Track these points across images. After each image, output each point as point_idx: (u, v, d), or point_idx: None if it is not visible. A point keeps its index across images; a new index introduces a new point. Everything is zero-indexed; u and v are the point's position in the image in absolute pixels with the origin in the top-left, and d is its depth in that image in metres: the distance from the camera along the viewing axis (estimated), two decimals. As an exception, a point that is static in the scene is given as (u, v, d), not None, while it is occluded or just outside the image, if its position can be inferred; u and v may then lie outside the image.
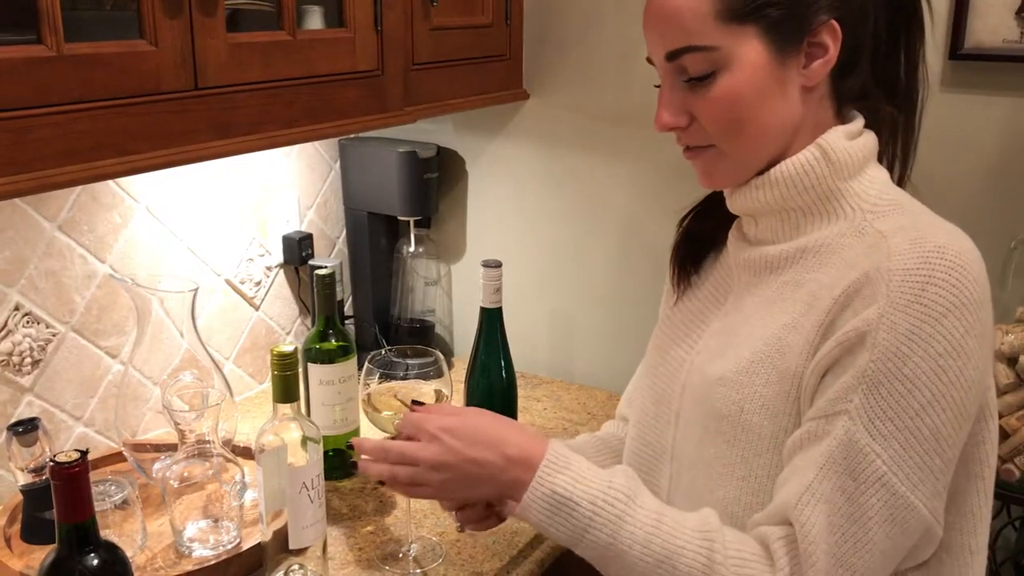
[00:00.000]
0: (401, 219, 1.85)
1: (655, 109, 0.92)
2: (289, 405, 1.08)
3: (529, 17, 1.76)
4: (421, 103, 1.49)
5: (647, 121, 0.93)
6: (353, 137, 1.83)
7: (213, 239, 1.64)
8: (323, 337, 1.40)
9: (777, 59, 0.87)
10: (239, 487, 1.22)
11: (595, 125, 1.75)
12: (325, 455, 1.18)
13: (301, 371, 1.23)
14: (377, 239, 1.87)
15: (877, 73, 0.93)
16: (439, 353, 1.24)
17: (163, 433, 1.35)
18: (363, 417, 1.27)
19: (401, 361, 1.23)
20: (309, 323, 1.86)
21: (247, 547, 1.18)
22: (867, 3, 0.89)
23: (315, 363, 1.38)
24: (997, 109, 1.42)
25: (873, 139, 0.93)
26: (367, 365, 1.21)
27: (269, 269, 1.78)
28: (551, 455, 0.89)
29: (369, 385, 1.20)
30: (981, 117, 1.43)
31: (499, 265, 1.37)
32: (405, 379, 1.21)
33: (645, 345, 1.12)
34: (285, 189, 1.78)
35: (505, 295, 1.40)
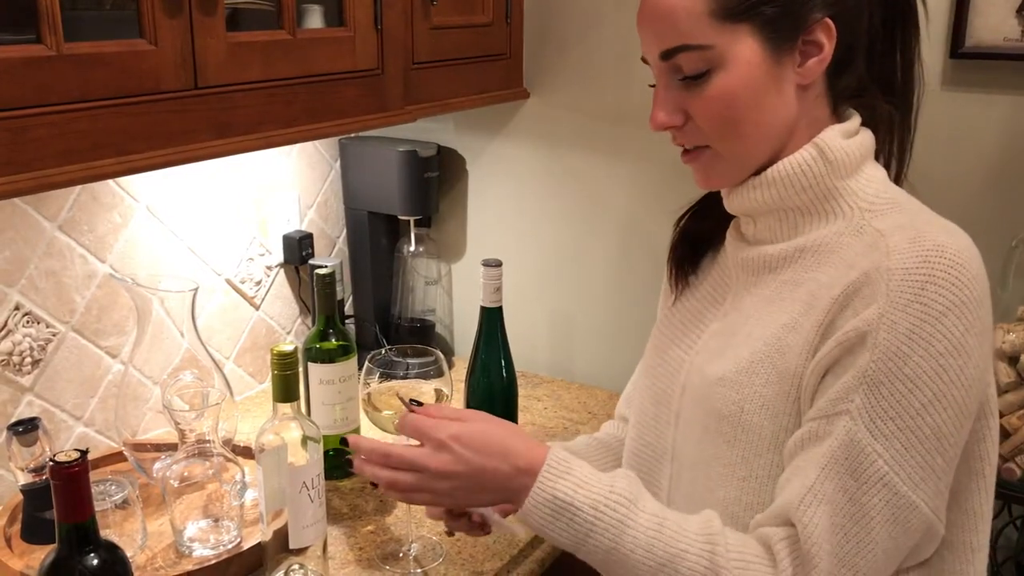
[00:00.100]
0: (401, 218, 1.85)
1: (653, 109, 0.92)
2: (289, 404, 1.08)
3: (529, 16, 1.76)
4: (421, 102, 1.49)
5: (648, 121, 0.93)
6: (353, 136, 1.83)
7: (213, 239, 1.64)
8: (323, 336, 1.40)
9: (772, 57, 0.87)
10: (239, 487, 1.22)
11: (595, 125, 1.75)
12: (325, 455, 1.18)
13: (301, 370, 1.23)
14: (377, 238, 1.86)
15: (873, 71, 0.93)
16: (439, 352, 1.24)
17: (163, 433, 1.35)
18: (363, 416, 1.27)
19: (401, 360, 1.23)
20: (309, 322, 1.86)
21: (247, 547, 1.18)
22: (862, 0, 0.89)
23: (315, 362, 1.38)
24: (998, 108, 1.41)
25: (870, 137, 0.92)
26: (367, 364, 1.21)
27: (269, 268, 1.78)
28: (552, 460, 0.88)
29: (369, 384, 1.20)
30: (982, 116, 1.43)
31: (499, 264, 1.37)
32: (405, 378, 1.21)
33: (645, 344, 1.11)
34: (285, 188, 1.78)
35: (505, 294, 1.40)
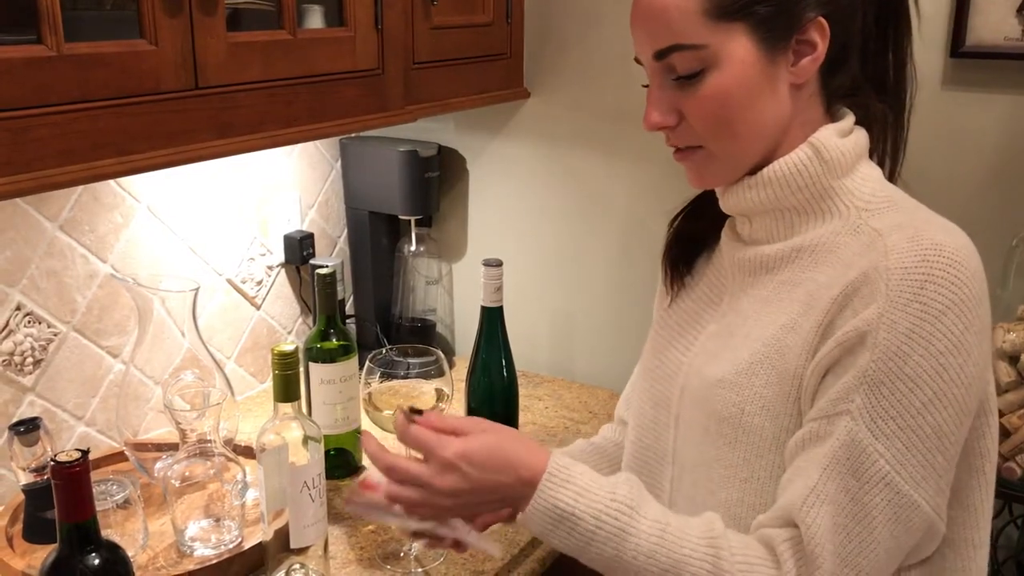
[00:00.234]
0: (402, 218, 1.85)
1: (649, 109, 0.92)
2: (290, 404, 1.08)
3: (530, 16, 1.76)
4: (422, 102, 1.49)
5: (645, 121, 0.93)
6: (354, 136, 1.83)
7: (214, 238, 1.64)
8: (324, 336, 1.40)
9: (766, 57, 0.86)
10: (240, 486, 1.22)
11: (595, 124, 1.75)
12: (326, 454, 1.18)
13: (302, 370, 1.23)
14: (378, 238, 1.86)
15: (866, 70, 0.93)
16: (440, 352, 1.25)
17: (164, 432, 1.36)
18: (364, 416, 1.27)
19: (402, 360, 1.23)
20: (310, 322, 1.86)
21: (248, 546, 1.18)
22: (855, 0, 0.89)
23: (316, 362, 1.38)
24: (998, 107, 1.41)
25: (864, 136, 0.92)
26: (368, 364, 1.21)
27: (270, 268, 1.78)
28: (553, 467, 0.87)
29: (370, 384, 1.20)
30: (982, 115, 1.43)
31: (500, 264, 1.37)
32: (406, 378, 1.21)
33: (646, 343, 1.11)
34: (286, 188, 1.78)
35: (506, 294, 1.40)
